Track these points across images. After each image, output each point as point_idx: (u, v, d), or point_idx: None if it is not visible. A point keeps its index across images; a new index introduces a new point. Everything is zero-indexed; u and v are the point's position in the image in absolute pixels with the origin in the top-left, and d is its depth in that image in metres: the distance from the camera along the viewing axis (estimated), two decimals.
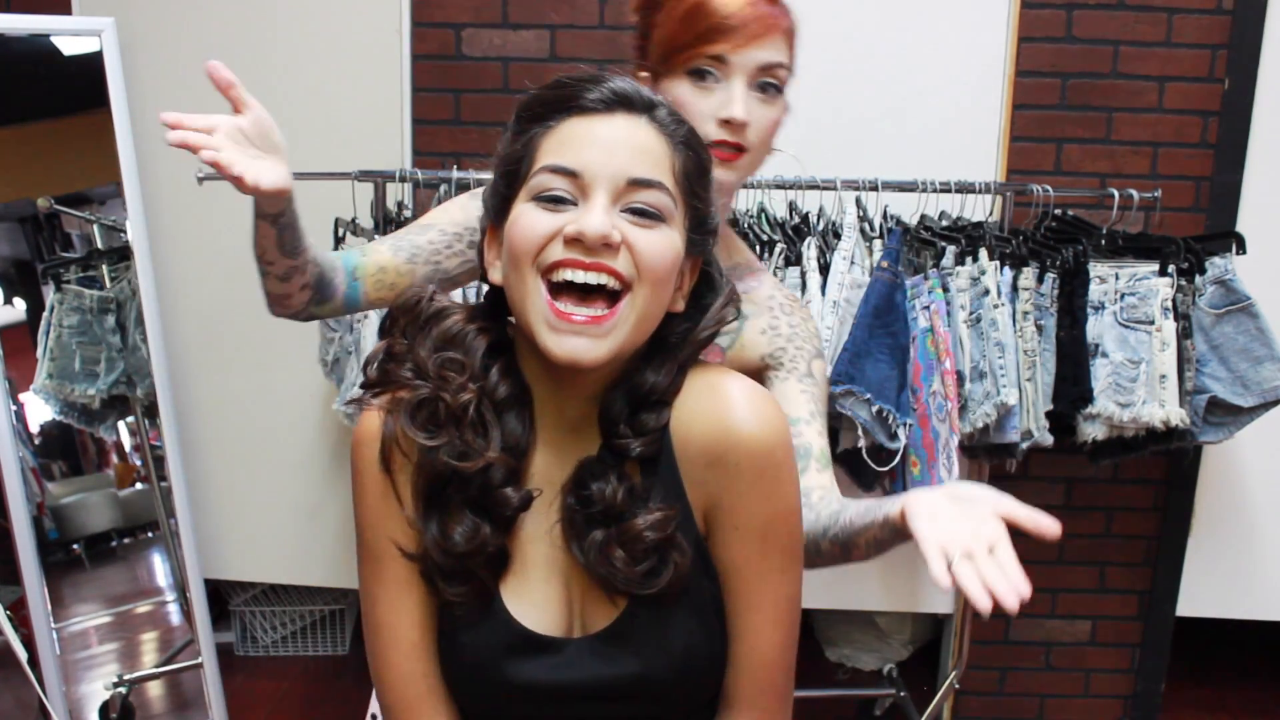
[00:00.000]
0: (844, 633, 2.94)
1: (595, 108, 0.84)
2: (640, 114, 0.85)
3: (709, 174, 0.90)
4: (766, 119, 1.18)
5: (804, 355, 1.25)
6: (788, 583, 0.92)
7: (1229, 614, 2.63)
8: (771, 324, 1.25)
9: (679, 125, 0.87)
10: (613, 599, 0.88)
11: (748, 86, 1.16)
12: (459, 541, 0.86)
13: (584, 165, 0.82)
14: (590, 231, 0.80)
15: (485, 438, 0.87)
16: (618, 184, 0.82)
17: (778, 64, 1.17)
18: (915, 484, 2.08)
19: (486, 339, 0.90)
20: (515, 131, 0.87)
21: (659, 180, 0.84)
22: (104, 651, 2.56)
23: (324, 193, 2.26)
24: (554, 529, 0.90)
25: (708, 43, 1.14)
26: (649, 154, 0.84)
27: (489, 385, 0.88)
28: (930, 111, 2.42)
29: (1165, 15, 2.41)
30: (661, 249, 0.84)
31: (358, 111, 2.47)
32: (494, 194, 0.89)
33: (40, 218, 2.51)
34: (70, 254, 2.52)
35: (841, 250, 2.09)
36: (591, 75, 0.85)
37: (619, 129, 0.83)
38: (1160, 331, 2.07)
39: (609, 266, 0.82)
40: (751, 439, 0.88)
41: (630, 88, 0.85)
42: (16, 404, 2.40)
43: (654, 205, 0.83)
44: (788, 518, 0.92)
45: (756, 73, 1.16)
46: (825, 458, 1.20)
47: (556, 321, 0.82)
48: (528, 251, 0.83)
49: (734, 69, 1.15)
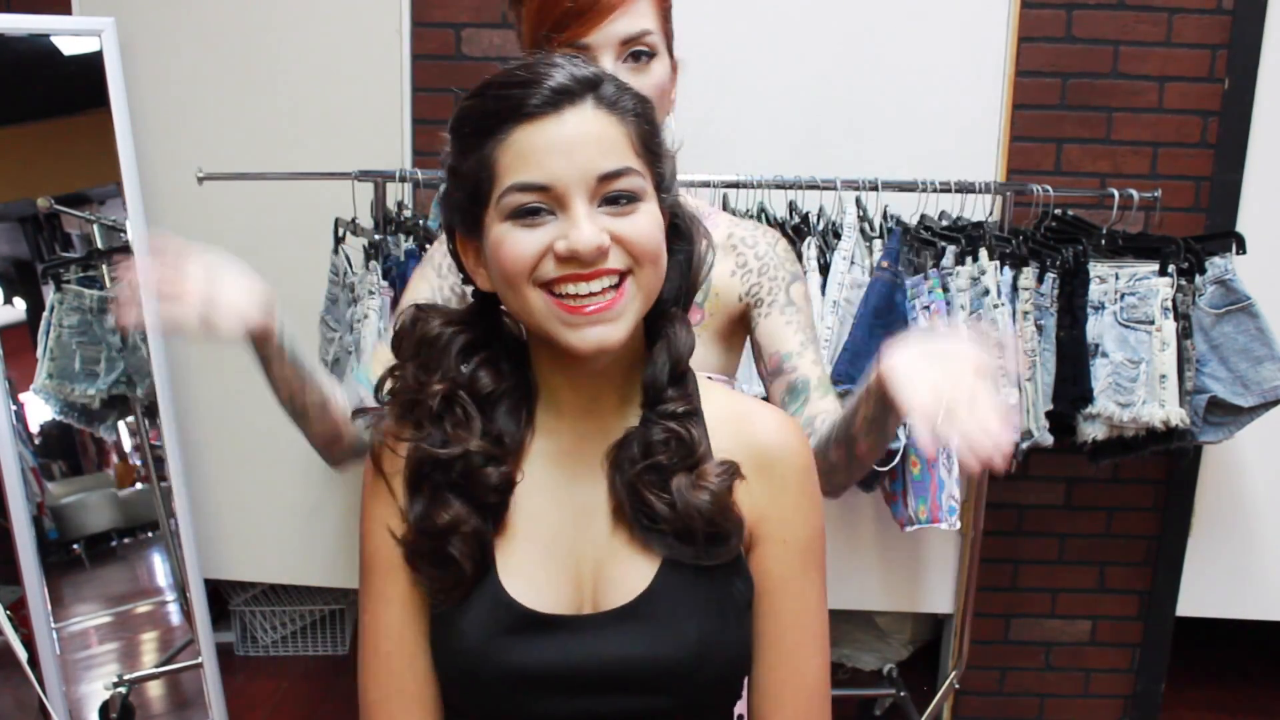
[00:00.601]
0: (844, 632, 2.94)
1: (540, 111, 0.82)
2: (584, 101, 0.83)
3: (659, 127, 0.89)
4: (644, 89, 1.10)
5: (780, 284, 1.23)
6: (824, 606, 0.94)
7: (1229, 614, 2.63)
8: (739, 262, 1.24)
9: (621, 92, 0.86)
10: (637, 577, 0.88)
11: (617, 60, 1.14)
12: (439, 519, 0.87)
13: (552, 177, 0.81)
14: (583, 248, 0.80)
15: (467, 428, 0.88)
16: (589, 184, 0.82)
17: (642, 32, 1.15)
18: (915, 484, 2.08)
19: (465, 337, 0.91)
20: (462, 148, 0.86)
21: (626, 166, 0.83)
22: (104, 651, 2.56)
23: (324, 193, 2.27)
24: (590, 504, 0.90)
25: (563, 30, 1.13)
26: (607, 141, 0.83)
27: (463, 378, 0.90)
28: (930, 112, 2.42)
29: (1165, 15, 2.41)
30: (648, 229, 0.84)
31: (358, 111, 2.48)
32: (457, 208, 0.89)
33: (40, 218, 2.51)
34: (70, 254, 2.52)
35: (841, 250, 2.09)
36: (524, 75, 0.83)
37: (571, 126, 0.82)
38: (1160, 331, 2.07)
39: (607, 269, 0.82)
40: (796, 454, 0.92)
41: (564, 76, 0.83)
42: (16, 404, 2.40)
43: (628, 190, 0.83)
44: (822, 538, 0.94)
45: (621, 47, 1.15)
46: (824, 384, 1.20)
47: (570, 318, 0.83)
48: (520, 272, 0.83)
49: (597, 51, 1.14)
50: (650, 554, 0.88)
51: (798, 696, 0.92)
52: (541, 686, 0.87)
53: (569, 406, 0.92)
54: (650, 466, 0.88)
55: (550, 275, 0.82)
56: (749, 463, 0.91)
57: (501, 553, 0.89)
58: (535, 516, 0.91)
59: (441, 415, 0.88)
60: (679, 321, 0.92)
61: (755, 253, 1.25)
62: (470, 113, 0.85)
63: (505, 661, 0.87)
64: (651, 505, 0.87)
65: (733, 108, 2.42)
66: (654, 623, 0.87)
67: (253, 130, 2.48)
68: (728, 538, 0.88)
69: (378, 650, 0.92)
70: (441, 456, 0.87)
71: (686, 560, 0.87)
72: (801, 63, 2.42)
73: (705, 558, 0.87)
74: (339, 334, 2.22)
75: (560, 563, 0.90)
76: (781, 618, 0.92)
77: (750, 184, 2.11)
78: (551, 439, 0.93)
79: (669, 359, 0.91)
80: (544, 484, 0.92)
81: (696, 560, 0.87)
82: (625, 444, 0.90)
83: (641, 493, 0.87)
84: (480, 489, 0.88)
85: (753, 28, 2.41)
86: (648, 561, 0.88)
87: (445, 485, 0.88)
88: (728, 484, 0.88)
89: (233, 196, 2.38)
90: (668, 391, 0.90)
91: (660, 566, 0.88)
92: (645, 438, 0.89)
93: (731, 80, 2.41)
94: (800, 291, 1.25)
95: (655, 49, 1.17)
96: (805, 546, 0.92)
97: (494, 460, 0.88)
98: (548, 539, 0.90)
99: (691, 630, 0.87)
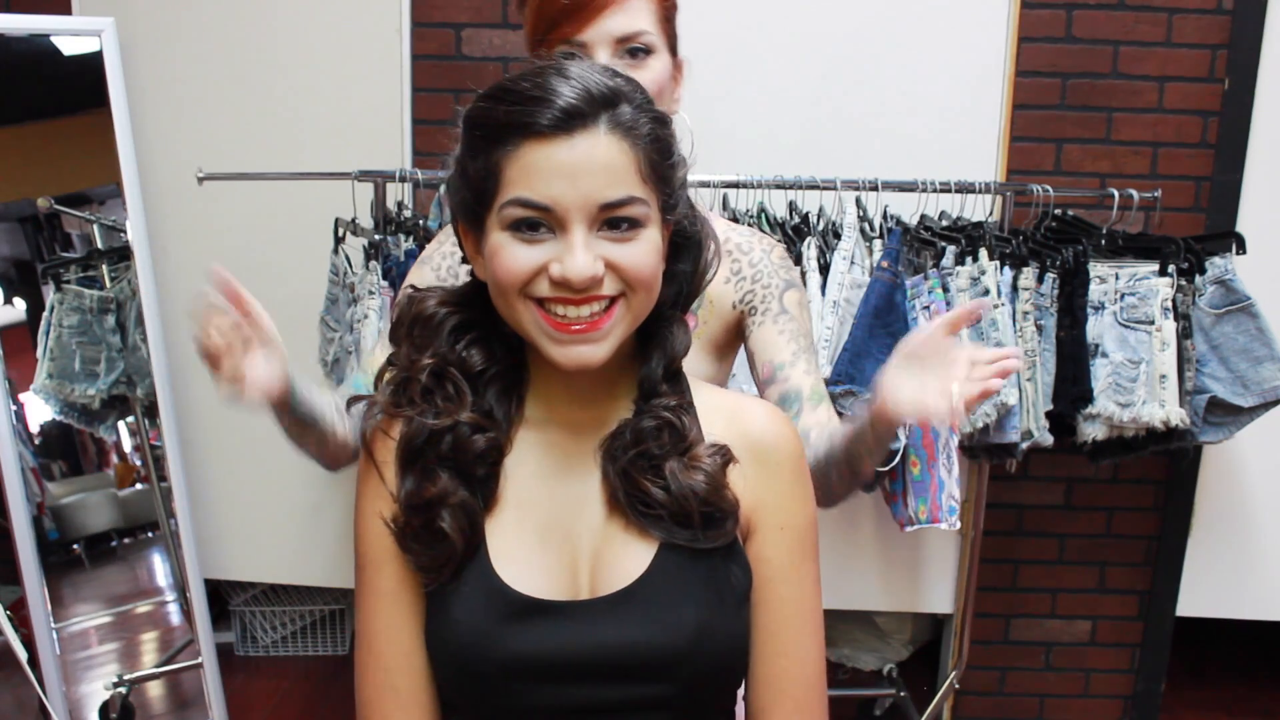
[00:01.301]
0: (844, 632, 2.94)
1: (550, 131, 0.81)
2: (597, 124, 0.81)
3: (673, 147, 0.89)
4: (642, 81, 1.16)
5: (774, 292, 1.23)
6: (819, 595, 0.95)
7: (1229, 614, 2.63)
8: (733, 269, 1.24)
9: (639, 113, 0.84)
10: (633, 562, 0.88)
11: (613, 56, 1.15)
12: (427, 492, 0.88)
13: (553, 199, 0.81)
14: (575, 278, 0.81)
15: (456, 401, 0.90)
16: (590, 211, 0.82)
17: (637, 31, 1.15)
18: (915, 484, 2.08)
19: (458, 317, 0.92)
20: (471, 148, 0.86)
21: (630, 196, 0.83)
22: (104, 651, 2.56)
23: (324, 193, 2.27)
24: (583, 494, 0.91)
25: (556, 28, 1.13)
26: (614, 169, 0.82)
27: (454, 356, 0.91)
28: (930, 111, 2.42)
29: (1165, 15, 2.41)
30: (644, 258, 0.84)
31: (358, 111, 2.48)
32: (463, 203, 0.89)
33: (40, 218, 2.51)
34: (70, 254, 2.52)
35: (841, 250, 2.09)
36: (539, 89, 0.81)
37: (580, 152, 0.81)
38: (1160, 331, 2.07)
39: (598, 295, 0.83)
40: (788, 443, 0.94)
41: (578, 95, 0.81)
42: (16, 404, 2.40)
43: (630, 216, 0.83)
44: (816, 527, 0.96)
45: (616, 45, 1.15)
46: (817, 394, 1.20)
47: (557, 334, 0.84)
48: (513, 285, 0.84)
49: (593, 47, 1.14)
50: (647, 539, 0.88)
51: (798, 687, 0.93)
52: (538, 674, 0.87)
53: (561, 397, 0.93)
54: (642, 454, 0.89)
55: (542, 294, 0.83)
56: (743, 452, 0.92)
57: (495, 539, 0.90)
58: (528, 505, 0.91)
59: (431, 390, 0.90)
60: (675, 322, 0.93)
61: (750, 260, 1.25)
62: (482, 117, 0.85)
63: (501, 649, 0.86)
64: (647, 491, 0.88)
65: (733, 108, 2.42)
66: (651, 607, 0.87)
67: (253, 130, 2.47)
68: (724, 519, 0.89)
69: (371, 647, 0.93)
70: (431, 427, 0.88)
71: (683, 543, 0.88)
72: (802, 62, 2.42)
73: (702, 540, 0.88)
74: (339, 334, 2.22)
75: (555, 549, 0.90)
76: (782, 607, 0.93)
77: (750, 184, 2.11)
78: (544, 429, 0.93)
79: (663, 357, 0.92)
80: (537, 473, 0.92)
81: (693, 543, 0.88)
82: (618, 434, 0.91)
83: (636, 479, 0.88)
84: (468, 457, 0.88)
85: (753, 27, 2.41)
86: (644, 546, 0.88)
87: (435, 460, 0.89)
88: (721, 465, 0.89)
89: (233, 196, 2.38)
90: (661, 387, 0.92)
91: (657, 551, 0.88)
92: (637, 427, 0.90)
93: (732, 80, 2.41)
94: (795, 299, 1.24)
95: (652, 47, 1.17)
96: (802, 534, 0.94)
97: (481, 430, 0.89)
98: (541, 527, 0.91)
99: (689, 615, 0.87)
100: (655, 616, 0.87)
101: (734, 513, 0.90)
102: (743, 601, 0.92)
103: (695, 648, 0.87)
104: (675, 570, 0.88)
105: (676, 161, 0.89)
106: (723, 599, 0.89)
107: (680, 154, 0.90)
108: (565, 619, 0.87)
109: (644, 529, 0.88)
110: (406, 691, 0.92)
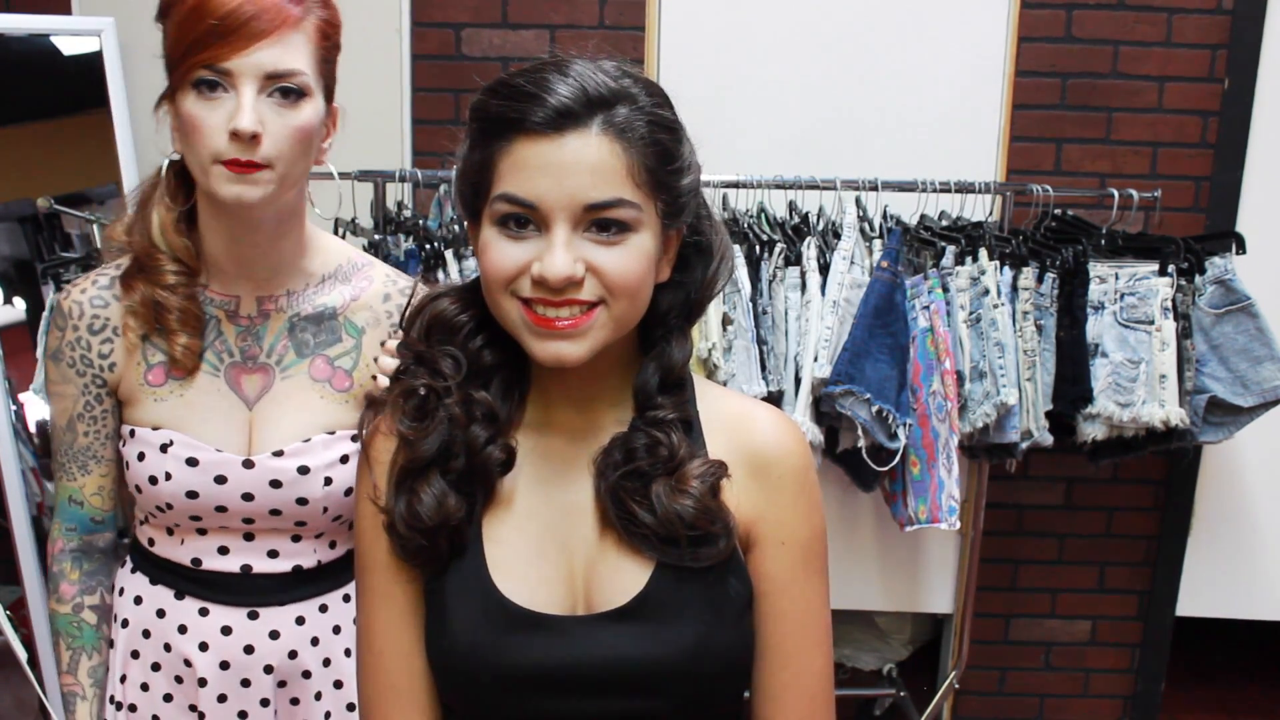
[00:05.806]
0: (844, 632, 2.94)
1: (541, 129, 0.80)
2: (590, 124, 0.80)
3: (677, 154, 0.87)
4: (287, 128, 1.05)
5: None
6: (826, 607, 0.93)
7: (1229, 614, 2.63)
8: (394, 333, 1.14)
9: (639, 115, 0.83)
10: (629, 580, 0.87)
11: (260, 94, 1.03)
12: (425, 512, 0.87)
13: (538, 197, 0.80)
14: (552, 276, 0.80)
15: (468, 412, 0.89)
16: (575, 211, 0.81)
17: (291, 71, 1.04)
18: (915, 484, 2.08)
19: (469, 314, 0.91)
20: (472, 141, 0.86)
21: (617, 198, 0.81)
22: None
23: (324, 193, 2.26)
24: (579, 503, 0.90)
25: (203, 49, 1.02)
26: (603, 172, 0.81)
27: (470, 357, 0.90)
28: (930, 111, 2.42)
29: (1165, 15, 2.41)
30: (627, 265, 0.83)
31: (358, 111, 2.46)
32: (462, 195, 0.89)
33: (40, 218, 2.51)
34: (70, 254, 2.51)
35: (841, 250, 2.09)
36: (536, 85, 0.81)
37: (569, 152, 0.80)
38: (1160, 331, 2.08)
39: (576, 299, 0.82)
40: (793, 455, 0.92)
41: (573, 96, 0.80)
42: (16, 404, 2.40)
43: (617, 219, 0.82)
44: (824, 539, 0.94)
45: (265, 80, 1.03)
46: None
47: (538, 329, 0.83)
48: (499, 281, 0.83)
49: (238, 77, 1.02)
50: (642, 557, 0.88)
51: (800, 699, 0.92)
52: (536, 687, 0.86)
53: (560, 401, 0.92)
54: (630, 473, 0.87)
55: (524, 293, 0.83)
56: (745, 465, 0.91)
57: (492, 546, 0.89)
58: (526, 512, 0.91)
59: (440, 405, 0.89)
60: (676, 332, 0.91)
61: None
62: (482, 110, 0.85)
63: (499, 661, 0.86)
64: (634, 513, 0.87)
65: (733, 107, 2.42)
66: (650, 625, 0.86)
67: None
68: (715, 540, 0.87)
69: (371, 648, 0.93)
70: (436, 450, 0.88)
71: (676, 563, 0.87)
72: (801, 62, 2.42)
73: (693, 560, 0.87)
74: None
75: (551, 560, 0.90)
76: (783, 620, 0.92)
77: (750, 184, 2.11)
78: (542, 433, 0.93)
79: (659, 369, 0.90)
80: (534, 480, 0.92)
81: (685, 562, 0.87)
82: (610, 449, 0.89)
83: (624, 500, 0.87)
84: (485, 464, 0.88)
85: (753, 27, 2.41)
86: (641, 565, 0.88)
87: (440, 473, 0.88)
88: (710, 485, 0.87)
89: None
90: (658, 398, 0.90)
91: (654, 570, 0.87)
92: (628, 444, 0.88)
93: (731, 80, 2.41)
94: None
95: (307, 90, 1.07)
96: (805, 548, 0.92)
97: (493, 439, 0.89)
98: (538, 536, 0.90)
99: (689, 631, 0.87)
100: (653, 634, 0.86)
101: (726, 532, 0.88)
102: (743, 613, 0.91)
103: (694, 663, 0.87)
104: (672, 588, 0.87)
105: (682, 168, 0.87)
106: (721, 613, 0.88)
107: (689, 160, 0.88)
108: (563, 634, 0.87)
109: (637, 546, 0.88)
110: (408, 691, 0.92)
